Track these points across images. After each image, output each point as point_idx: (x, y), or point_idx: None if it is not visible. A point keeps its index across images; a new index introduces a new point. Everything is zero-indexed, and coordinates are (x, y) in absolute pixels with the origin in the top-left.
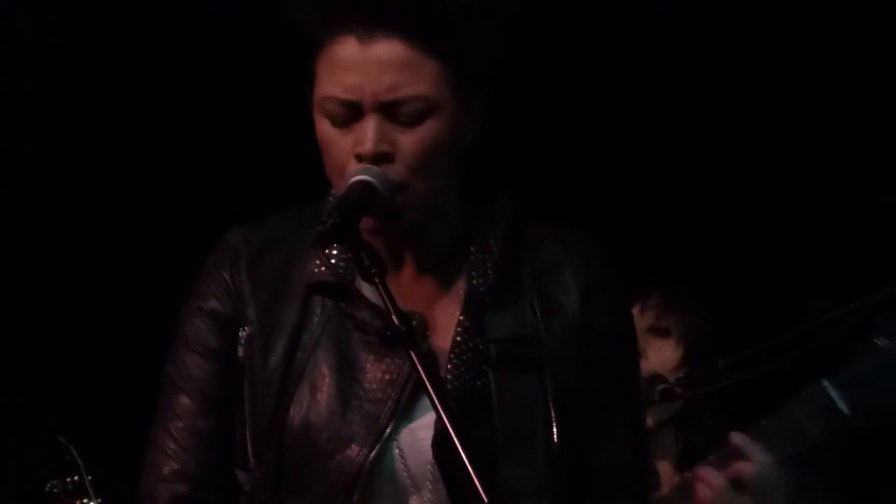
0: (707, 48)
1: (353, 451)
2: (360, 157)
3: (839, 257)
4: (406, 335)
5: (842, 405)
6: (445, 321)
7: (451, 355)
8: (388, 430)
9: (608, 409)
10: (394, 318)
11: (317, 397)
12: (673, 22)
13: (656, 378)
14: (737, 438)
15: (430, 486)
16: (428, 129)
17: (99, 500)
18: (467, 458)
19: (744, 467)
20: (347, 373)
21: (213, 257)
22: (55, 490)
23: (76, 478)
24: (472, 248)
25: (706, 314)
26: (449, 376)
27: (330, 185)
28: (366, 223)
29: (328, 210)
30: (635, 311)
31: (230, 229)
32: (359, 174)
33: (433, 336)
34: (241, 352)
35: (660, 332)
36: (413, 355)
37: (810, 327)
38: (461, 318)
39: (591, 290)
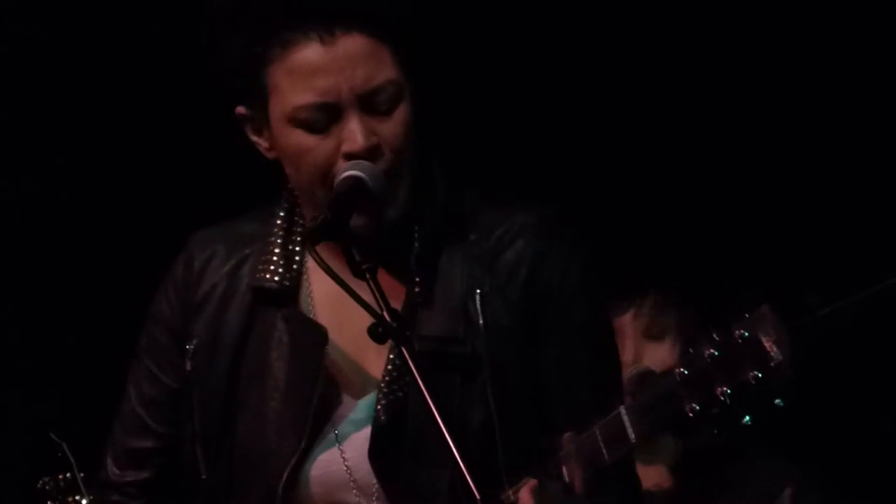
0: (696, 44)
1: (278, 462)
2: (350, 156)
3: (831, 254)
4: (397, 331)
5: (630, 432)
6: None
7: (390, 356)
8: (303, 442)
9: (573, 387)
10: (385, 314)
11: (260, 406)
12: (659, 16)
13: (647, 374)
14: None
15: (375, 490)
16: (402, 111)
17: (91, 497)
18: (458, 452)
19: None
20: (286, 381)
21: (173, 267)
22: (47, 487)
23: (68, 475)
24: (417, 234)
25: (702, 309)
26: (387, 378)
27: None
28: (360, 222)
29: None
30: (629, 316)
31: (193, 235)
32: (349, 170)
33: (369, 342)
34: (188, 365)
35: (654, 336)
36: (405, 352)
37: (803, 324)
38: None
39: (539, 269)
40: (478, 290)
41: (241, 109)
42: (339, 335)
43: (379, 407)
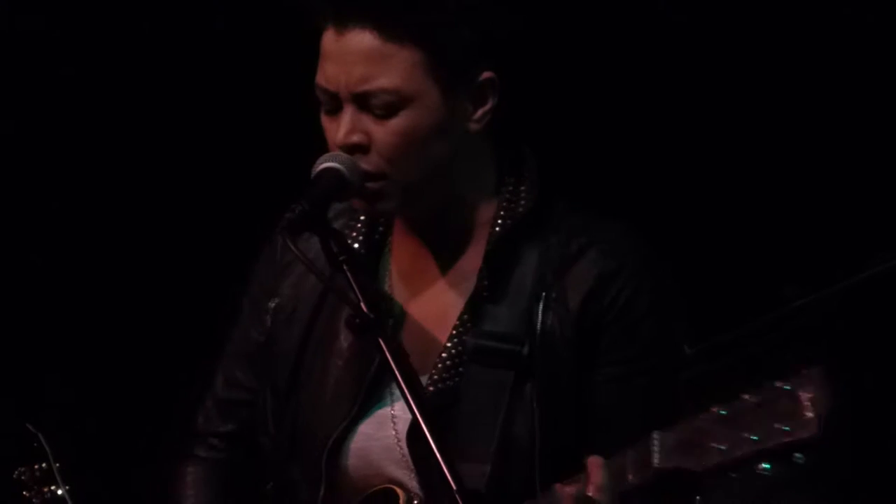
0: (685, 43)
1: (327, 429)
2: (336, 146)
3: (809, 246)
4: (374, 323)
5: (655, 457)
6: (450, 313)
7: (447, 345)
8: (353, 411)
9: (621, 413)
10: (363, 305)
11: (322, 373)
12: (643, 16)
13: None
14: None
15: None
16: (401, 121)
17: (67, 488)
18: (435, 445)
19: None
20: (349, 349)
21: (269, 241)
22: (23, 477)
23: (44, 465)
24: (490, 232)
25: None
26: (440, 365)
27: None
28: (356, 203)
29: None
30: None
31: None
32: (326, 161)
33: (434, 325)
34: (268, 321)
35: None
36: (381, 343)
37: (779, 315)
38: (465, 315)
39: (607, 287)
40: (544, 294)
41: None
42: (411, 310)
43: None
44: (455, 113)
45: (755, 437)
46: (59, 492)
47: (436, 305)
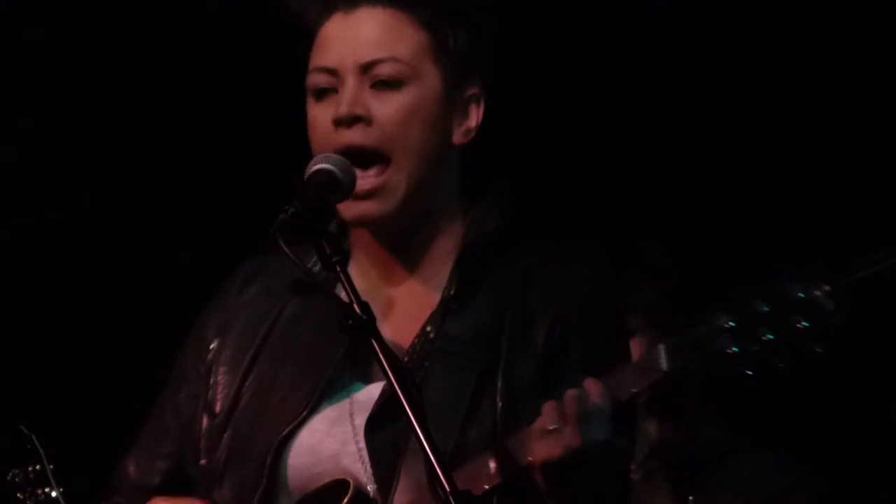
0: (676, 40)
1: (275, 428)
2: (337, 122)
3: (801, 242)
4: (367, 324)
5: (663, 363)
6: (411, 325)
7: (413, 343)
8: (308, 407)
9: None
10: (355, 306)
11: (269, 378)
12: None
13: None
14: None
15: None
16: (404, 97)
17: (61, 490)
18: (428, 445)
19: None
20: (307, 351)
21: (218, 289)
22: (17, 479)
23: (38, 467)
24: (457, 258)
25: (670, 304)
26: (405, 359)
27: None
28: (346, 212)
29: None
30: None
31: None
32: (319, 163)
33: (399, 332)
34: (209, 357)
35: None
36: (374, 343)
37: (757, 293)
38: (427, 328)
39: (566, 320)
40: (508, 312)
41: None
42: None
43: (385, 388)
44: (448, 113)
45: (771, 336)
46: (53, 493)
47: (402, 314)
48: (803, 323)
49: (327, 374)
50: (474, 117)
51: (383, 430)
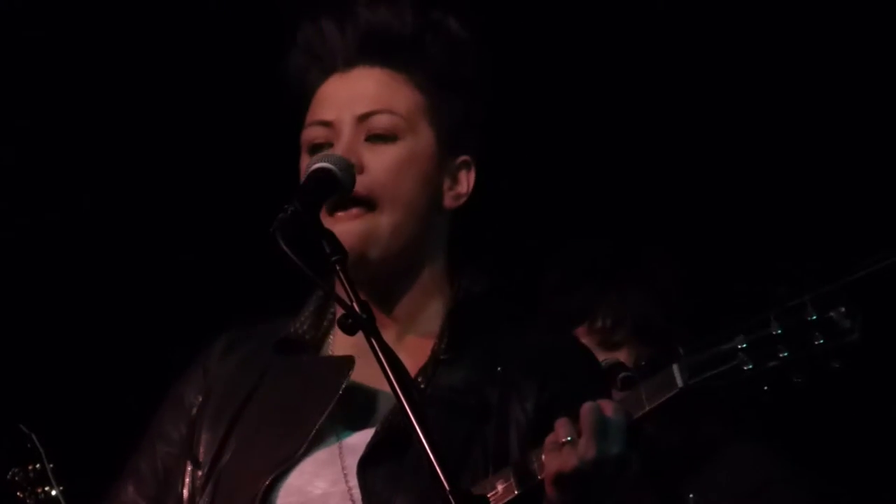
0: (676, 45)
1: (261, 477)
2: None
3: (798, 247)
4: (366, 322)
5: (679, 380)
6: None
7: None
8: (298, 454)
9: None
10: (355, 306)
11: (249, 448)
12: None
13: (617, 367)
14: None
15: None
16: (397, 150)
17: (61, 488)
18: (433, 453)
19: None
20: (281, 417)
21: (200, 352)
22: (17, 478)
23: (38, 465)
24: (446, 313)
25: (659, 320)
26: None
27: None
28: (341, 219)
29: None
30: (583, 329)
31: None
32: (318, 161)
33: (386, 387)
34: (192, 414)
35: (611, 345)
36: (373, 342)
37: (769, 316)
38: (418, 378)
39: (554, 384)
40: (499, 368)
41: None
42: (362, 375)
43: (379, 427)
44: (440, 173)
45: (787, 353)
46: (53, 492)
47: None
48: (820, 340)
49: (318, 423)
50: (465, 183)
51: (376, 468)
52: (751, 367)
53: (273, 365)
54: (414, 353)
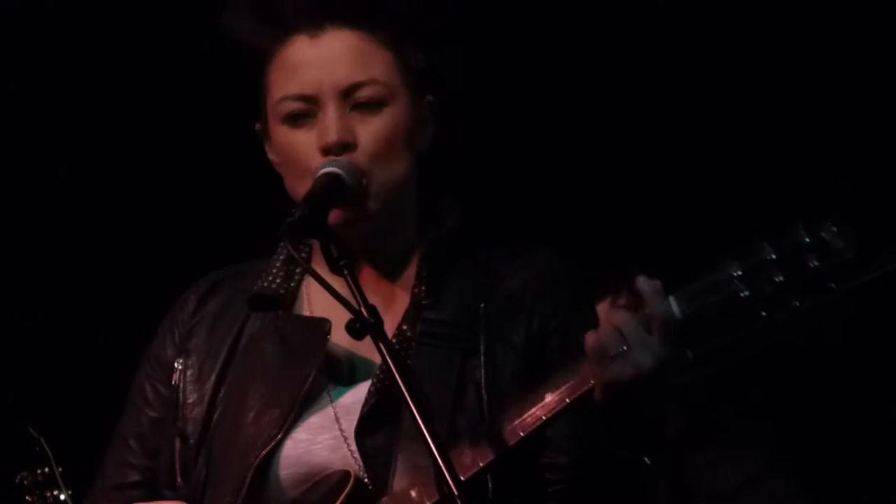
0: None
1: (254, 446)
2: (326, 150)
3: None
4: (375, 326)
5: (676, 309)
6: (387, 328)
7: (395, 333)
8: (287, 422)
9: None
10: (363, 310)
11: (242, 397)
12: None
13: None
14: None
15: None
16: (384, 118)
17: (69, 492)
18: (436, 449)
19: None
20: (277, 370)
21: (171, 308)
22: (25, 482)
23: (46, 469)
24: (420, 256)
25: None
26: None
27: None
28: (334, 216)
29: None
30: (605, 305)
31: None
32: (326, 167)
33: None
34: (174, 378)
35: None
36: (382, 347)
37: (761, 241)
38: (403, 326)
39: (541, 310)
40: (482, 305)
41: (257, 125)
42: (335, 336)
43: (372, 388)
44: (418, 124)
45: (782, 277)
46: (62, 496)
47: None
48: (814, 262)
49: (303, 389)
50: (432, 123)
51: (374, 434)
52: (748, 293)
53: (248, 321)
54: (394, 299)
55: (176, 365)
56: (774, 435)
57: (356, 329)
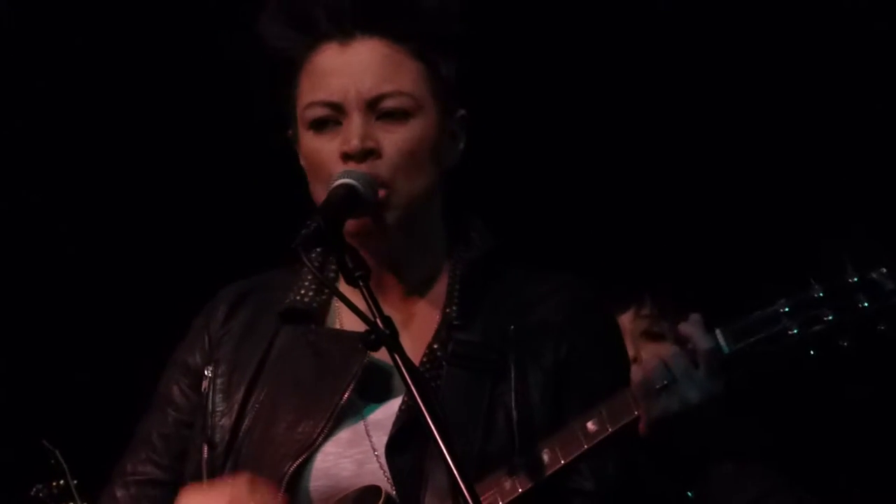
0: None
1: (285, 458)
2: (346, 156)
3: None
4: (390, 339)
5: (723, 343)
6: (417, 345)
7: (425, 353)
8: (321, 435)
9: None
10: (378, 322)
11: (268, 425)
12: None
13: None
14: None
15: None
16: (410, 129)
17: None
18: (453, 462)
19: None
20: (298, 395)
21: (199, 314)
22: (41, 494)
23: (61, 482)
24: (450, 275)
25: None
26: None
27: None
28: (350, 225)
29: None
30: (629, 316)
31: (223, 288)
32: (341, 178)
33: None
34: (203, 385)
35: (654, 336)
36: (397, 358)
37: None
38: (434, 346)
39: (571, 336)
40: (511, 327)
41: (289, 131)
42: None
43: (403, 406)
44: (445, 138)
45: (831, 317)
46: None
47: (406, 336)
48: (864, 303)
49: (339, 402)
50: (461, 139)
51: (404, 452)
52: (796, 331)
53: (280, 334)
54: (424, 318)
55: (206, 373)
56: (787, 448)
57: (371, 340)
